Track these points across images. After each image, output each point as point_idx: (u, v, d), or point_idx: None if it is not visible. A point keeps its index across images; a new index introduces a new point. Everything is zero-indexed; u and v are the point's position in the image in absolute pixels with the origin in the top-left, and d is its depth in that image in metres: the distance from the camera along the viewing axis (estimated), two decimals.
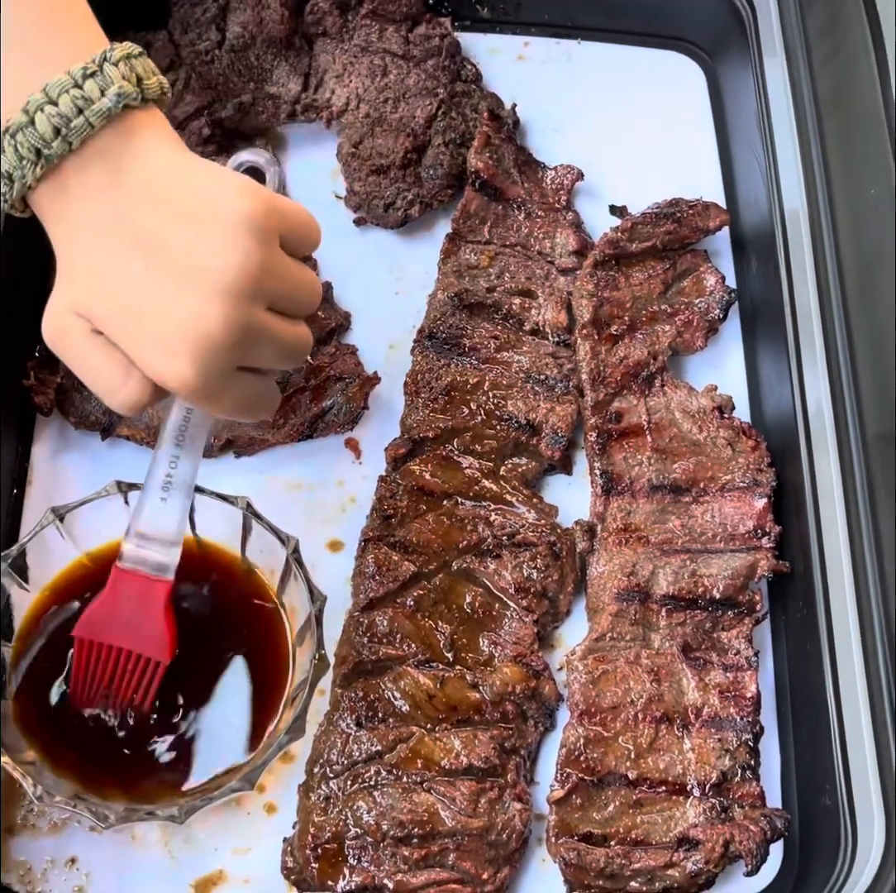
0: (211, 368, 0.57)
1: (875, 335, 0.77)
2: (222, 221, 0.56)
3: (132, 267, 0.56)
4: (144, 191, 0.57)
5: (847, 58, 0.84)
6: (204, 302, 0.55)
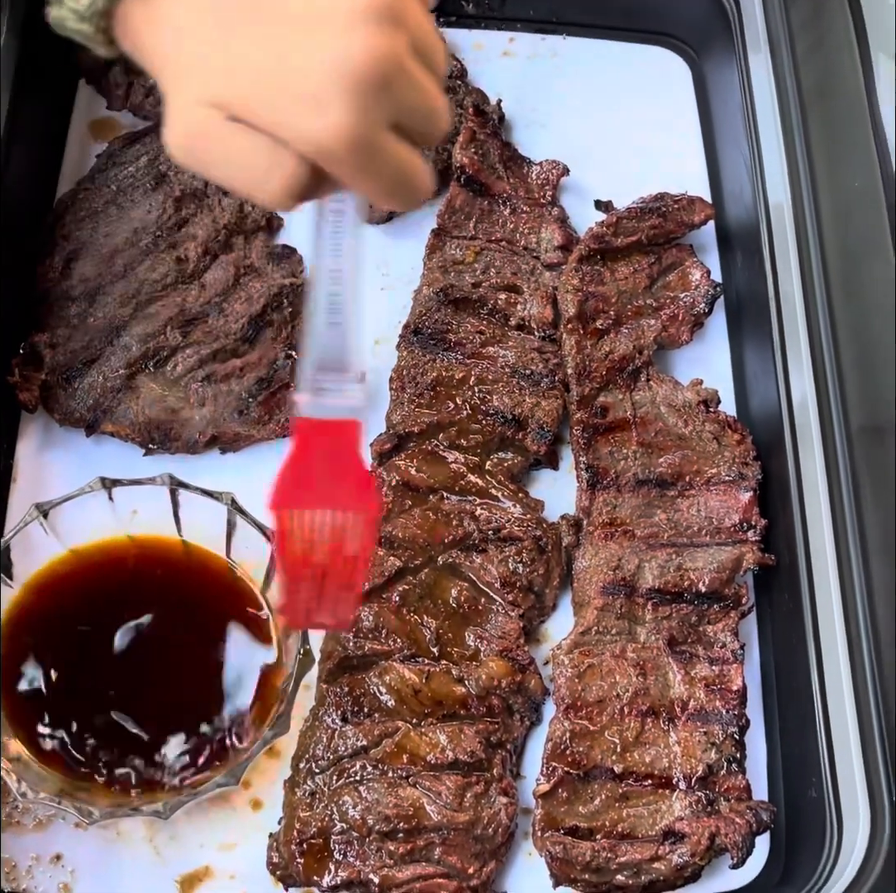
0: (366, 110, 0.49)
1: (859, 329, 0.77)
2: None
3: (250, 35, 0.50)
4: None
5: (830, 51, 0.84)
6: (344, 38, 0.49)
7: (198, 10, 0.51)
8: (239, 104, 0.51)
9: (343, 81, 0.48)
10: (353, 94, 0.49)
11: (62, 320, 0.87)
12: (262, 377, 0.85)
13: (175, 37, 0.52)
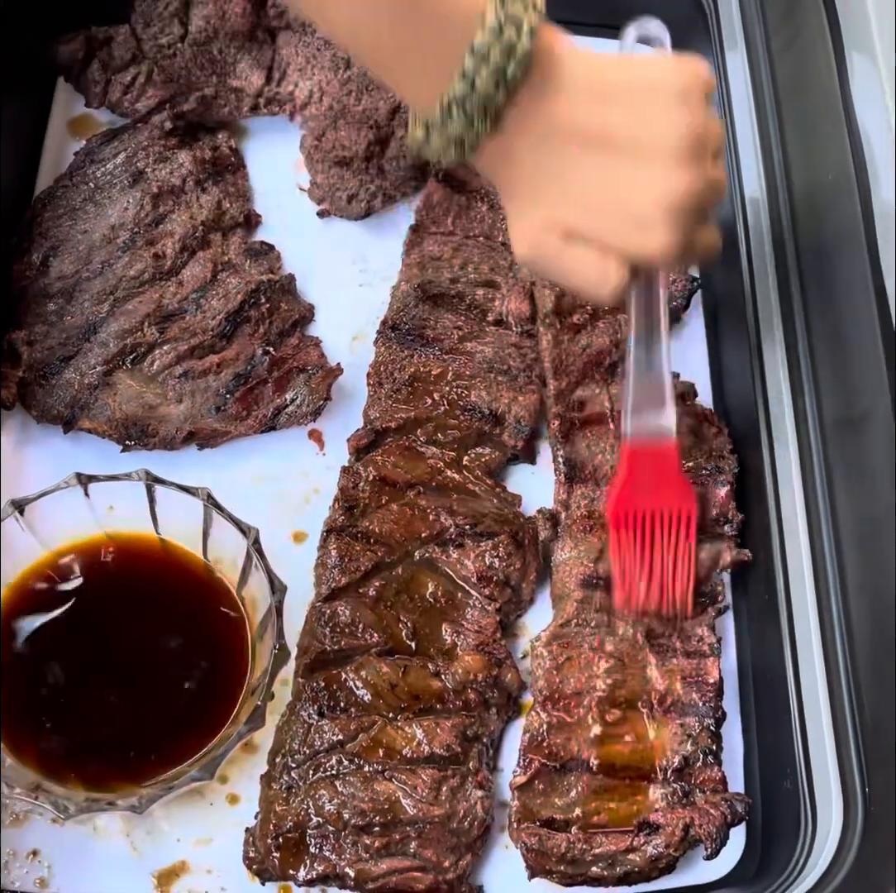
0: (685, 228, 0.61)
1: (833, 322, 0.77)
2: (659, 97, 0.60)
3: (584, 166, 0.61)
4: (573, 97, 0.60)
5: (804, 47, 0.85)
6: (666, 172, 0.59)
7: (540, 149, 0.61)
8: (575, 225, 0.62)
9: (667, 211, 0.60)
10: (676, 220, 0.60)
11: (39, 317, 0.87)
12: (240, 373, 0.85)
13: (518, 167, 0.63)
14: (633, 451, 0.76)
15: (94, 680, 0.74)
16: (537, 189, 0.63)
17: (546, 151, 0.61)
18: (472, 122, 0.60)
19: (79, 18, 0.96)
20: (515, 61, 0.58)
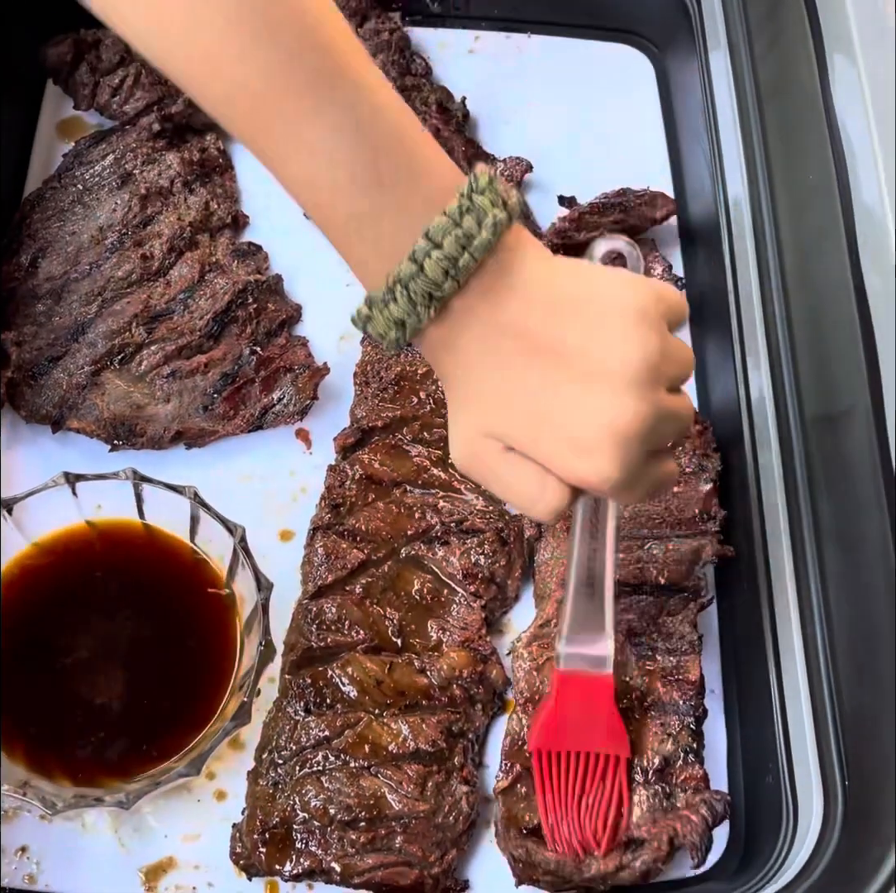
0: (630, 460, 0.57)
1: (813, 321, 0.78)
2: (615, 316, 0.56)
3: (531, 378, 0.57)
4: (527, 303, 0.57)
5: (786, 48, 0.86)
6: (614, 398, 0.56)
7: (486, 348, 0.57)
8: (514, 439, 0.59)
9: (611, 440, 0.56)
10: (620, 449, 0.56)
11: (28, 318, 0.87)
12: (227, 373, 0.86)
13: (464, 369, 0.59)
14: (565, 678, 0.72)
15: (81, 675, 0.74)
16: (479, 393, 0.59)
17: (492, 353, 0.57)
18: (415, 306, 0.56)
19: (67, 21, 0.96)
20: (469, 252, 0.55)
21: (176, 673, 0.75)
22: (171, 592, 0.78)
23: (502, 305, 0.57)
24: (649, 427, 0.57)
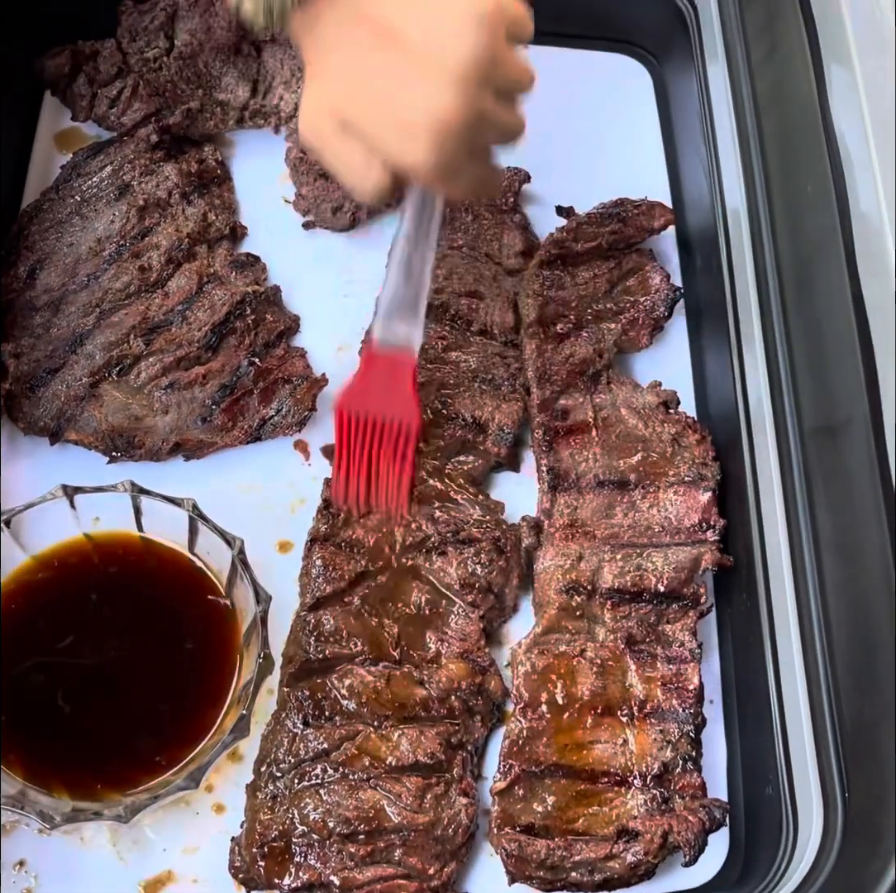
0: (446, 150, 0.61)
1: (811, 332, 0.78)
2: (458, 12, 0.60)
3: (374, 59, 0.61)
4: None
5: (784, 59, 0.86)
6: (440, 89, 0.60)
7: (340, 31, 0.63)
8: (350, 116, 0.63)
9: (430, 126, 0.61)
10: (436, 137, 0.61)
11: (26, 330, 0.87)
12: (225, 384, 0.86)
13: (320, 49, 0.64)
14: (372, 355, 0.78)
15: (80, 688, 0.74)
16: (329, 70, 0.64)
17: (345, 35, 0.62)
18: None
19: (65, 33, 0.97)
20: None
21: (174, 686, 0.75)
22: (170, 604, 0.78)
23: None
24: (468, 123, 0.61)
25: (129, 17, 0.98)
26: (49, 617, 0.76)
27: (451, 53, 0.60)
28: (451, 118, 0.60)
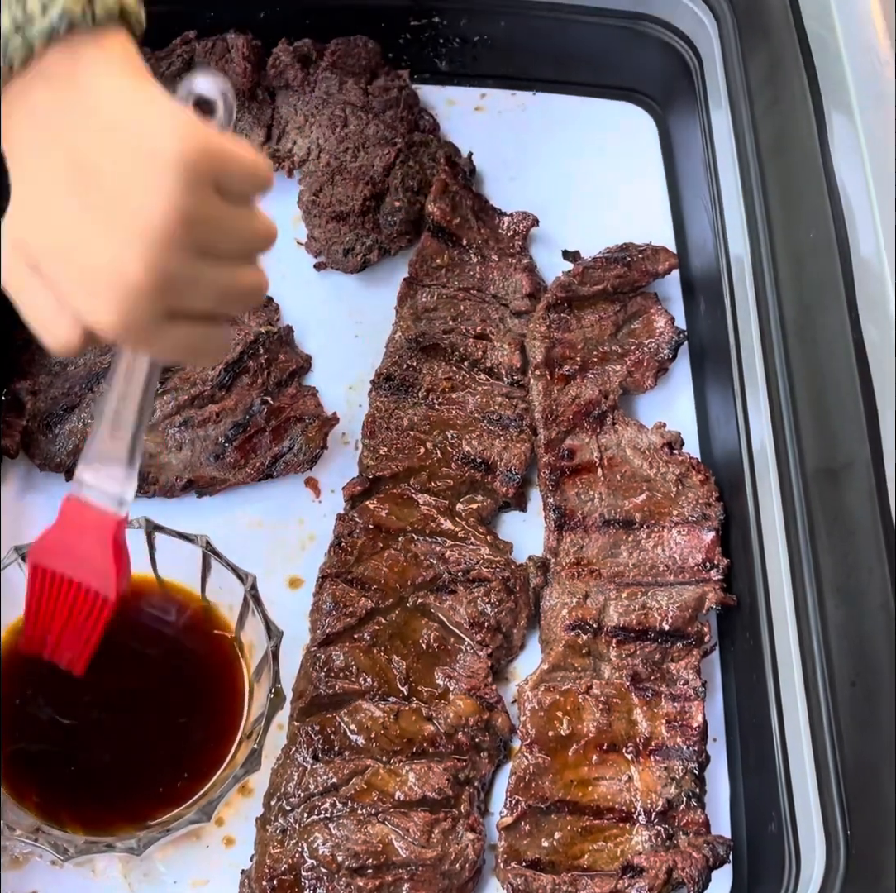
0: (134, 313, 0.54)
1: (814, 375, 0.79)
2: (153, 161, 0.52)
3: (68, 200, 0.54)
4: (85, 118, 0.53)
5: (786, 108, 0.87)
6: (126, 247, 0.53)
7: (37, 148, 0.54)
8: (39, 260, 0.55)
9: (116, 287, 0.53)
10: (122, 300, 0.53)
11: (43, 368, 0.89)
12: (238, 423, 0.88)
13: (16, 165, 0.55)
14: (72, 503, 0.69)
15: (93, 723, 0.75)
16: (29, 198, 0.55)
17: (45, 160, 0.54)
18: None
19: None
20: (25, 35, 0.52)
21: (186, 721, 0.76)
22: (182, 639, 0.79)
23: (60, 111, 0.53)
24: (158, 287, 0.53)
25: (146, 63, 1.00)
26: None
27: (142, 208, 0.52)
28: (133, 280, 0.53)
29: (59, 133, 0.53)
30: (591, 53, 1.06)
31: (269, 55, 1.01)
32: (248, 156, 0.57)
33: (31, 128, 0.54)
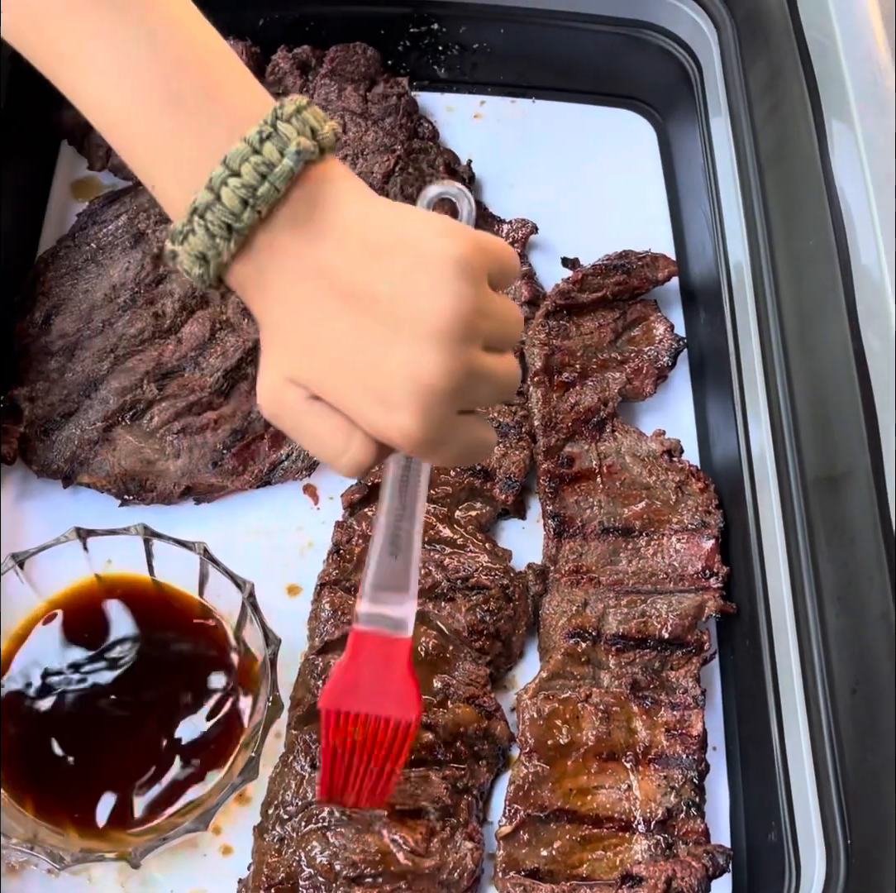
0: (434, 417, 0.53)
1: (813, 383, 0.79)
2: (430, 265, 0.53)
3: (339, 324, 0.53)
4: (340, 243, 0.53)
5: (786, 116, 0.88)
6: (421, 351, 0.52)
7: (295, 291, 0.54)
8: (319, 388, 0.55)
9: (415, 393, 0.52)
10: (423, 405, 0.53)
11: (41, 375, 0.89)
12: (237, 429, 0.87)
13: (274, 311, 0.55)
14: (362, 638, 0.67)
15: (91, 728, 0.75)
16: (287, 337, 0.55)
17: (302, 296, 0.54)
18: (214, 239, 0.52)
19: None
20: (269, 181, 0.51)
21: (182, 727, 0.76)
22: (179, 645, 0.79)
23: (313, 244, 0.53)
24: (457, 386, 0.53)
25: None
26: (60, 658, 0.77)
27: (429, 309, 0.52)
28: (436, 383, 0.52)
29: (316, 265, 0.53)
30: (591, 61, 1.06)
31: (268, 62, 1.01)
32: (506, 247, 0.57)
33: (285, 271, 0.54)
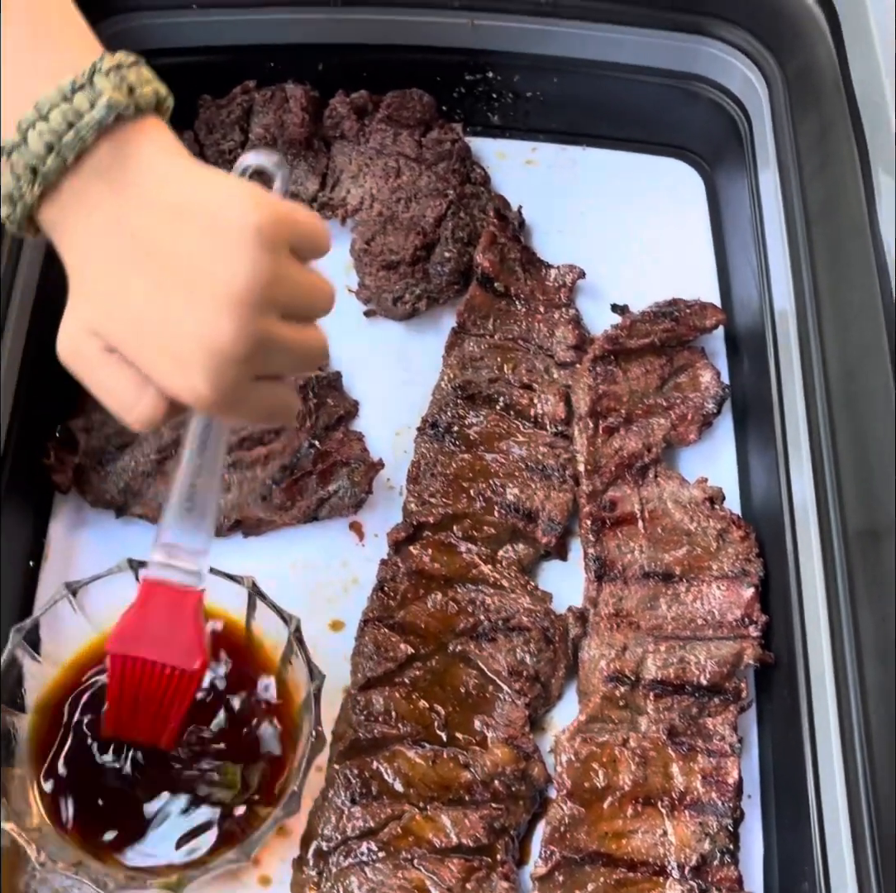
0: (225, 380, 0.56)
1: (857, 435, 0.80)
2: (229, 231, 0.54)
3: (140, 281, 0.55)
4: (146, 203, 0.55)
5: (835, 171, 0.89)
6: (214, 315, 0.54)
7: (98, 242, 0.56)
8: (116, 341, 0.57)
9: (206, 356, 0.55)
10: (213, 368, 0.55)
11: (97, 406, 0.90)
12: (286, 465, 0.89)
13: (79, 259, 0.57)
14: (151, 586, 0.69)
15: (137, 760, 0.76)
16: (92, 287, 0.57)
17: (104, 248, 0.55)
18: (18, 180, 0.54)
19: None
20: (76, 130, 0.53)
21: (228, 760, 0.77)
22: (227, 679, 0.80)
23: (118, 197, 0.55)
24: (248, 352, 0.55)
25: (206, 111, 1.03)
26: None
27: (224, 274, 0.54)
28: (226, 347, 0.54)
29: (120, 220, 0.55)
30: (642, 111, 1.08)
31: (326, 106, 1.03)
32: (314, 221, 0.59)
33: (90, 220, 0.56)
